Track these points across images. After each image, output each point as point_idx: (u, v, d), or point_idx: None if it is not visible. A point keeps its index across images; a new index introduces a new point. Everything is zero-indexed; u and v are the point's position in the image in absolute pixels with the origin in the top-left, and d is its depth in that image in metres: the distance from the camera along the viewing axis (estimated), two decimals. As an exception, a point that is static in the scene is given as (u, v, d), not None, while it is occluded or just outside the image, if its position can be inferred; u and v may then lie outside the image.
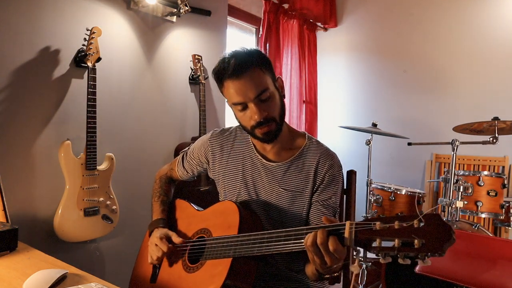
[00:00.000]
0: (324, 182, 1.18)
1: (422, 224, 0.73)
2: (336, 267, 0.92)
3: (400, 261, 0.73)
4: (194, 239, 1.19)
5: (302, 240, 0.91)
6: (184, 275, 1.13)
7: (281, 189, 1.19)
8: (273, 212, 1.19)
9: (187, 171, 1.40)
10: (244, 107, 1.11)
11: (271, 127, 1.12)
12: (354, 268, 0.80)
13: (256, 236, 1.01)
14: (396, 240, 0.74)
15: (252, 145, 1.26)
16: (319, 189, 1.18)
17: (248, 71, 1.08)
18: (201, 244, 1.14)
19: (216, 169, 1.30)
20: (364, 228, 0.80)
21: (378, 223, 0.78)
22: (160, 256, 1.17)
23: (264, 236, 0.99)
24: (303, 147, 1.23)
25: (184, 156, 1.41)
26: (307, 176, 1.18)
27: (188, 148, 1.41)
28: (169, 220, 1.33)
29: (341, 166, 1.22)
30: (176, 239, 1.18)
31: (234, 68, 1.08)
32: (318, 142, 1.25)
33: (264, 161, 1.22)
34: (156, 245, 1.18)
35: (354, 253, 2.68)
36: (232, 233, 1.07)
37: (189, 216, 1.29)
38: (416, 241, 0.72)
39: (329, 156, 1.20)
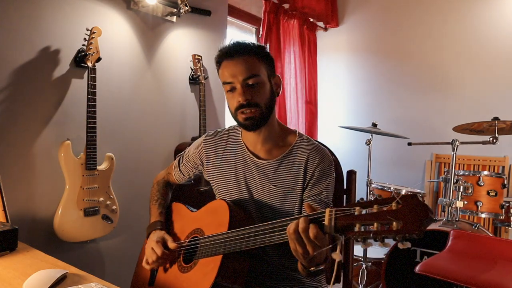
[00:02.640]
0: (314, 177, 1.18)
1: (400, 205, 0.73)
2: (319, 258, 0.93)
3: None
4: (188, 240, 1.20)
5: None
6: (179, 275, 1.15)
7: (272, 186, 1.19)
8: (266, 210, 1.20)
9: (183, 174, 1.41)
10: (233, 88, 1.15)
11: (254, 113, 1.14)
12: (336, 256, 0.80)
13: (244, 231, 1.03)
14: (375, 223, 0.74)
15: (243, 145, 1.27)
16: (310, 184, 1.18)
17: (243, 56, 1.15)
18: (194, 244, 1.16)
19: (210, 170, 1.32)
20: (344, 214, 0.80)
21: (357, 208, 0.78)
22: (155, 259, 1.18)
23: (251, 231, 1.01)
24: (294, 144, 1.23)
25: (181, 159, 1.42)
26: (298, 172, 1.19)
27: (184, 152, 1.43)
28: (167, 223, 1.34)
29: (331, 161, 1.22)
30: (171, 244, 1.19)
31: (230, 49, 1.17)
32: (308, 139, 1.25)
33: (255, 159, 1.23)
34: (152, 248, 1.19)
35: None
36: (222, 230, 1.08)
37: (184, 218, 1.30)
38: (394, 223, 0.72)
39: (319, 151, 1.21)
